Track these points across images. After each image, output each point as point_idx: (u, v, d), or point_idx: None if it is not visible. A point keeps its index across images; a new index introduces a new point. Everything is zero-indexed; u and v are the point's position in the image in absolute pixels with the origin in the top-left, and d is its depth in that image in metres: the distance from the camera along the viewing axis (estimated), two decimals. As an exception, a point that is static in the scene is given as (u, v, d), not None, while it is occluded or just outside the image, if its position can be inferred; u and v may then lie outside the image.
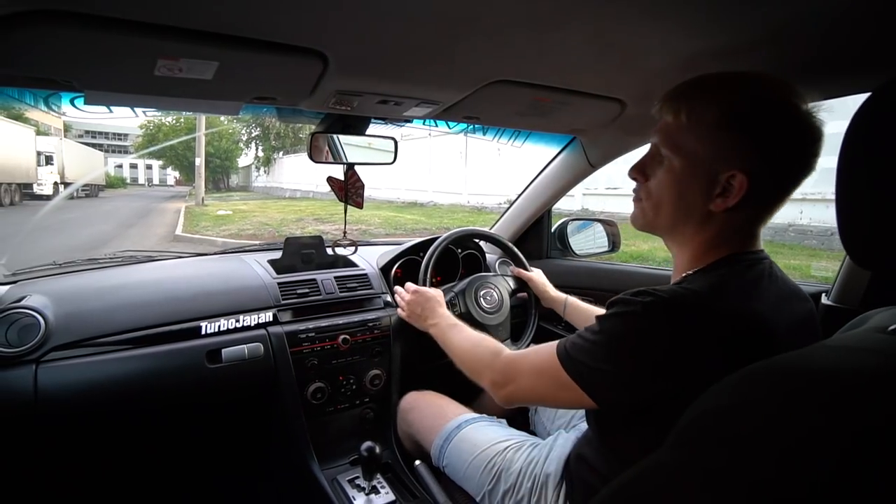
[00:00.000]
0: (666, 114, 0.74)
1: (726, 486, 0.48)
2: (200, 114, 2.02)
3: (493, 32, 0.73)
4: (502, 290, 1.45)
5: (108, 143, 43.54)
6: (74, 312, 1.09)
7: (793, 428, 0.46)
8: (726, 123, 0.68)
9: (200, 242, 8.21)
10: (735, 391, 0.53)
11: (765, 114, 0.68)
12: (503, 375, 0.88)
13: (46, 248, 5.38)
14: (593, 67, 0.90)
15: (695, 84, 0.73)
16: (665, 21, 0.70)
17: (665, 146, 0.74)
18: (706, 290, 0.68)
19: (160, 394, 1.12)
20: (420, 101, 0.99)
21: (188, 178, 27.81)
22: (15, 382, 0.98)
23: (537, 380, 0.81)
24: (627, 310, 0.69)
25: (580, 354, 0.73)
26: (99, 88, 0.77)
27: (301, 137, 21.49)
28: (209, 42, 0.67)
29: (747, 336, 0.65)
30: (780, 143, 0.68)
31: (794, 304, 0.74)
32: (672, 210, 0.75)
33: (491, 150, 10.93)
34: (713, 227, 0.73)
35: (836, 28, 0.70)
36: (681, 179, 0.73)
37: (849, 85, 0.87)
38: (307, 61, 0.77)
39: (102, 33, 0.61)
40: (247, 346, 1.19)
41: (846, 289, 1.07)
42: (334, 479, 1.22)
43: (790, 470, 0.44)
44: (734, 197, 0.69)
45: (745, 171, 0.67)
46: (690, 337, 0.65)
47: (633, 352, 0.68)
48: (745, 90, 0.69)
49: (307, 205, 14.47)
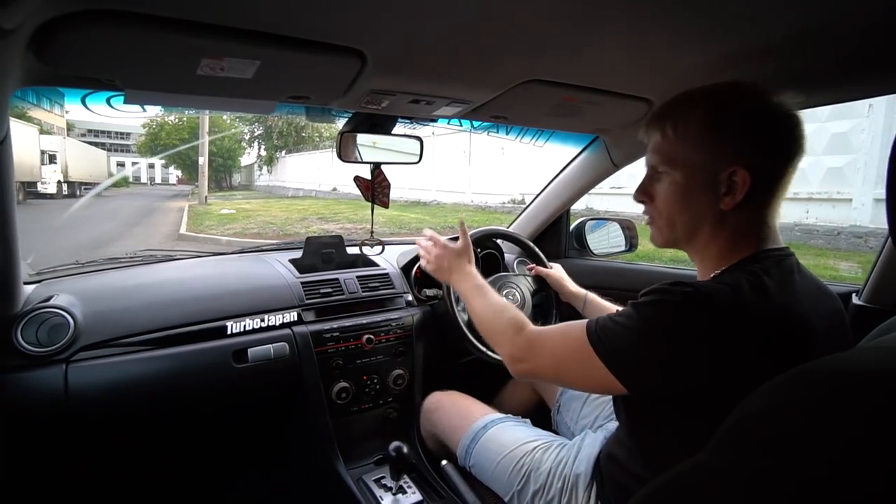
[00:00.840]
0: (653, 134, 0.78)
1: (773, 486, 0.48)
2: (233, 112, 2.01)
3: (531, 33, 0.74)
4: (524, 290, 1.45)
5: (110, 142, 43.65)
6: (102, 312, 1.09)
7: (843, 428, 0.45)
8: (713, 127, 0.72)
9: (205, 241, 8.21)
10: (780, 393, 0.53)
11: (746, 110, 0.72)
12: (524, 350, 0.86)
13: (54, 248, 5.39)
14: (624, 67, 0.91)
15: (674, 101, 0.77)
16: (697, 20, 0.70)
17: (662, 163, 0.77)
18: (742, 286, 0.68)
19: (187, 393, 1.13)
20: (451, 100, 0.99)
21: (191, 176, 27.84)
22: (47, 381, 0.98)
23: (561, 358, 0.80)
24: (665, 298, 0.70)
25: (613, 337, 0.73)
26: (140, 87, 0.77)
27: (304, 136, 21.54)
28: (252, 41, 0.67)
29: (783, 332, 0.66)
30: (766, 132, 0.71)
31: (824, 302, 0.75)
32: (686, 220, 0.77)
33: (494, 149, 10.94)
34: (729, 226, 0.74)
35: (875, 27, 0.70)
36: (685, 190, 0.75)
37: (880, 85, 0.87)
38: (346, 60, 0.77)
39: (151, 32, 0.61)
40: (272, 345, 1.19)
41: (879, 289, 1.06)
42: (360, 479, 1.22)
43: (842, 470, 0.44)
44: (741, 192, 0.71)
45: (744, 164, 0.70)
46: (725, 330, 0.66)
47: (667, 339, 0.68)
48: (721, 95, 0.73)
49: (310, 203, 14.49)
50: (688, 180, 0.74)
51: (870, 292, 1.08)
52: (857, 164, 5.91)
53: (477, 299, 1.05)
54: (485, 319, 1.00)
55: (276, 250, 1.59)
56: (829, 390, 0.49)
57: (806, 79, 0.89)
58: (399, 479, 1.16)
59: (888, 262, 1.04)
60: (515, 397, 1.54)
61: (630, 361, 0.71)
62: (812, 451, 0.46)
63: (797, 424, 0.49)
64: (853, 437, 0.45)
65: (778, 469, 0.49)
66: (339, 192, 16.93)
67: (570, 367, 0.79)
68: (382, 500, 1.15)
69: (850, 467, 0.44)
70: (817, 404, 0.49)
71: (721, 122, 0.71)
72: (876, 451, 0.43)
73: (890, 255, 1.04)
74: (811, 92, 0.95)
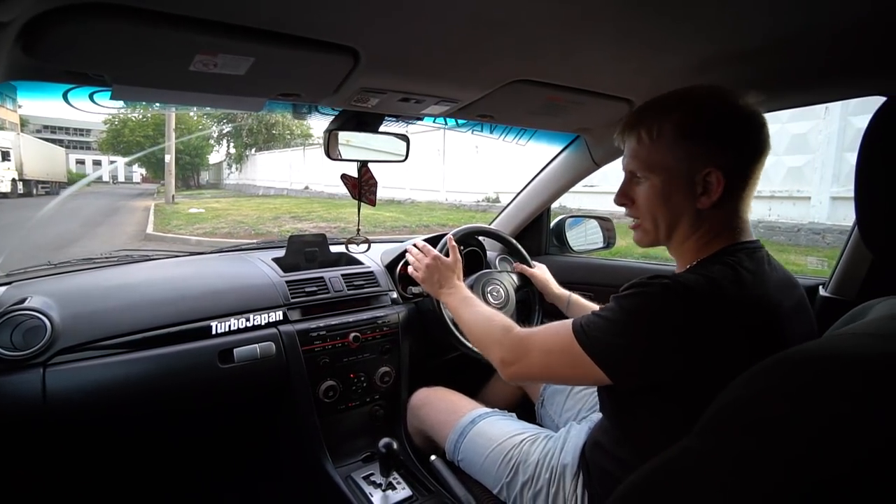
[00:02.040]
0: (629, 140, 0.82)
1: (757, 468, 0.51)
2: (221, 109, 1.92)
3: (522, 33, 0.75)
4: (508, 287, 1.47)
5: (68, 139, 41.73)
6: (80, 313, 1.06)
7: (824, 410, 0.48)
8: (686, 133, 0.76)
9: (174, 241, 7.97)
10: (761, 379, 0.56)
11: (715, 115, 0.76)
12: (513, 352, 0.89)
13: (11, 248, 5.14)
14: (608, 68, 0.93)
15: (646, 108, 0.82)
16: (682, 24, 0.73)
17: (639, 168, 0.81)
18: (718, 276, 0.72)
19: (172, 395, 1.10)
20: (440, 99, 1.00)
21: (156, 174, 26.92)
22: (23, 386, 0.95)
23: (550, 356, 0.83)
24: (645, 290, 0.74)
25: (597, 331, 0.76)
26: (130, 83, 0.75)
27: (274, 134, 21.11)
28: (247, 37, 0.67)
29: (757, 320, 0.70)
30: (735, 134, 0.76)
31: (791, 291, 0.80)
32: (666, 221, 0.81)
33: (469, 148, 10.97)
34: (706, 222, 0.79)
35: (846, 34, 0.74)
36: (663, 192, 0.79)
37: (859, 88, 0.92)
38: (339, 58, 0.77)
39: (146, 27, 0.60)
40: (259, 345, 1.18)
41: (843, 281, 1.12)
42: (348, 477, 1.21)
43: (822, 449, 0.47)
44: (716, 192, 0.75)
45: (717, 166, 0.74)
46: (704, 318, 0.69)
47: (650, 328, 0.72)
48: (691, 101, 0.78)
49: (282, 202, 14.23)
50: (665, 184, 0.78)
51: (835, 284, 1.15)
52: (814, 164, 6.18)
53: (465, 310, 1.09)
54: (474, 328, 1.04)
55: (258, 249, 1.57)
56: (810, 375, 0.52)
57: (781, 82, 0.93)
58: (389, 476, 1.17)
59: (852, 256, 1.11)
60: (500, 392, 1.56)
61: (615, 353, 0.74)
62: (794, 433, 0.49)
63: (779, 409, 0.52)
64: (833, 418, 0.48)
65: (761, 452, 0.52)
66: (312, 191, 16.70)
67: (559, 364, 0.82)
68: (372, 497, 1.15)
69: (830, 447, 0.47)
70: (798, 389, 0.52)
71: (693, 129, 0.76)
72: (854, 431, 0.46)
73: (854, 249, 1.10)
74: (785, 95, 1.00)
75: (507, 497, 1.08)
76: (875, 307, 0.72)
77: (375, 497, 1.15)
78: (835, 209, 6.03)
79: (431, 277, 1.20)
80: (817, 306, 1.15)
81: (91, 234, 8.57)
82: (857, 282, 1.09)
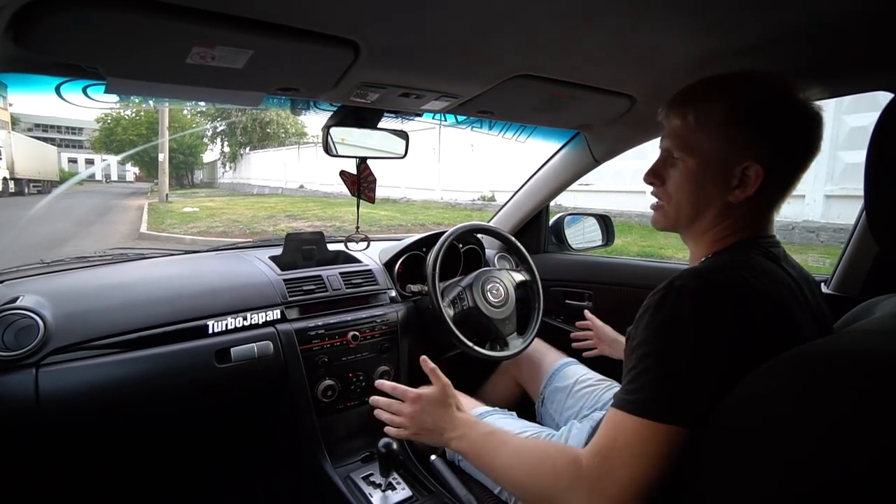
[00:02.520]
0: (673, 118, 0.76)
1: (767, 463, 0.51)
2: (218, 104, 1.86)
3: (524, 27, 0.74)
4: (507, 285, 1.46)
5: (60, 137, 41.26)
6: (73, 313, 1.04)
7: (833, 407, 0.48)
8: (734, 120, 0.70)
9: (168, 241, 7.92)
10: (772, 375, 0.56)
11: (769, 106, 0.70)
12: (603, 484, 0.64)
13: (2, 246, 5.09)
14: (611, 64, 0.92)
15: (698, 87, 0.76)
16: (684, 20, 0.73)
17: (678, 149, 0.75)
18: (718, 269, 0.68)
19: (168, 395, 1.08)
20: (441, 94, 0.99)
21: (149, 173, 26.76)
22: (15, 387, 0.93)
23: (638, 461, 0.62)
24: (661, 314, 0.65)
25: (647, 393, 0.63)
26: (125, 76, 0.73)
27: (269, 132, 21.02)
28: (246, 29, 0.65)
29: (763, 311, 0.64)
30: (787, 130, 0.71)
31: (810, 288, 0.76)
32: (692, 207, 0.76)
33: (464, 146, 10.97)
34: (732, 216, 0.74)
35: (849, 30, 0.74)
36: (698, 178, 0.74)
37: (861, 84, 0.92)
38: (339, 51, 0.76)
39: (142, 17, 0.58)
40: (256, 344, 1.16)
41: (846, 278, 1.12)
42: (347, 477, 1.20)
43: (833, 446, 0.47)
44: (752, 187, 0.70)
45: (759, 161, 0.69)
46: (711, 315, 0.63)
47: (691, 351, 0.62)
48: (746, 87, 0.72)
49: (277, 201, 14.16)
50: (701, 169, 0.74)
51: (838, 281, 1.15)
52: (809, 162, 6.22)
53: (498, 452, 0.79)
54: (520, 471, 0.75)
55: (254, 247, 1.56)
56: (819, 372, 0.52)
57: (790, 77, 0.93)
58: (388, 476, 1.16)
59: (855, 253, 1.10)
60: (500, 390, 1.55)
61: (688, 397, 0.62)
62: (803, 430, 0.49)
63: (788, 406, 0.52)
64: (841, 415, 0.47)
65: (771, 448, 0.51)
66: (307, 190, 16.64)
67: (648, 462, 0.62)
68: (372, 497, 1.14)
69: (838, 444, 0.46)
70: (806, 386, 0.52)
71: (742, 118, 0.70)
72: (862, 428, 0.46)
73: (857, 246, 1.10)
74: None
75: (508, 497, 1.07)
76: (881, 304, 0.72)
77: (375, 497, 1.14)
78: (829, 207, 6.06)
79: (424, 425, 0.90)
80: None
81: (84, 234, 8.49)
82: (860, 279, 1.09)
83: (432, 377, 0.94)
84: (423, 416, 0.90)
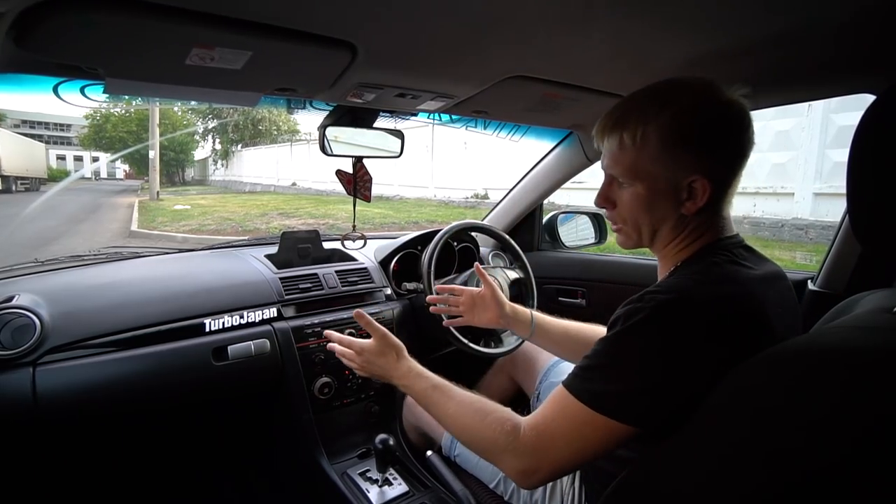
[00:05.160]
0: (609, 141, 0.76)
1: (752, 457, 0.52)
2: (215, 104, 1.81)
3: (519, 29, 0.75)
4: (501, 282, 1.47)
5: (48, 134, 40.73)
6: (70, 312, 1.04)
7: (815, 402, 0.50)
8: (671, 140, 0.71)
9: (159, 238, 7.87)
10: (757, 371, 0.58)
11: (702, 119, 0.71)
12: (534, 457, 0.70)
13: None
14: (605, 65, 0.94)
15: (628, 108, 0.75)
16: (676, 21, 0.74)
17: (622, 175, 0.76)
18: (700, 277, 0.70)
19: (165, 393, 1.09)
20: (436, 94, 1.00)
21: (139, 171, 26.48)
22: (12, 386, 0.93)
23: (580, 443, 0.67)
24: (629, 322, 0.67)
25: (605, 384, 0.67)
26: (125, 77, 0.73)
27: (261, 130, 20.87)
28: (245, 31, 0.66)
29: (737, 317, 0.66)
30: (724, 139, 0.72)
31: (776, 284, 0.77)
32: (649, 227, 0.77)
33: (457, 144, 10.96)
34: (689, 225, 0.76)
35: (837, 33, 0.76)
36: (648, 200, 0.75)
37: (849, 86, 0.94)
38: (336, 52, 0.77)
39: (142, 19, 0.59)
40: (253, 342, 1.17)
41: (832, 275, 1.15)
42: (345, 473, 1.21)
43: (815, 439, 0.49)
44: (702, 198, 0.72)
45: (703, 174, 0.71)
46: (692, 323, 0.65)
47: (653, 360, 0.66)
48: (677, 104, 0.71)
49: (269, 199, 14.10)
50: (649, 191, 0.74)
51: (824, 278, 1.17)
52: (798, 161, 6.29)
53: (441, 403, 0.85)
54: (463, 428, 0.80)
55: (250, 246, 1.56)
56: (802, 368, 0.54)
57: (772, 79, 0.95)
58: (385, 472, 1.17)
59: (840, 251, 1.13)
60: (495, 387, 1.57)
61: (632, 400, 0.65)
62: (787, 424, 0.51)
63: (773, 400, 0.54)
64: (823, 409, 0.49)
65: (756, 442, 0.53)
66: (300, 188, 16.56)
67: (583, 448, 0.68)
68: (369, 493, 1.15)
69: (820, 437, 0.48)
70: (790, 382, 0.54)
71: (679, 137, 0.71)
72: (842, 422, 0.48)
73: (842, 244, 1.13)
74: (776, 92, 1.02)
75: (504, 491, 1.08)
76: (862, 301, 0.74)
77: (372, 493, 1.15)
78: (817, 205, 6.13)
79: (374, 373, 0.98)
80: (806, 300, 1.18)
81: (73, 231, 8.41)
82: (846, 276, 1.12)
83: (370, 329, 1.00)
84: (369, 366, 0.98)
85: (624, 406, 0.65)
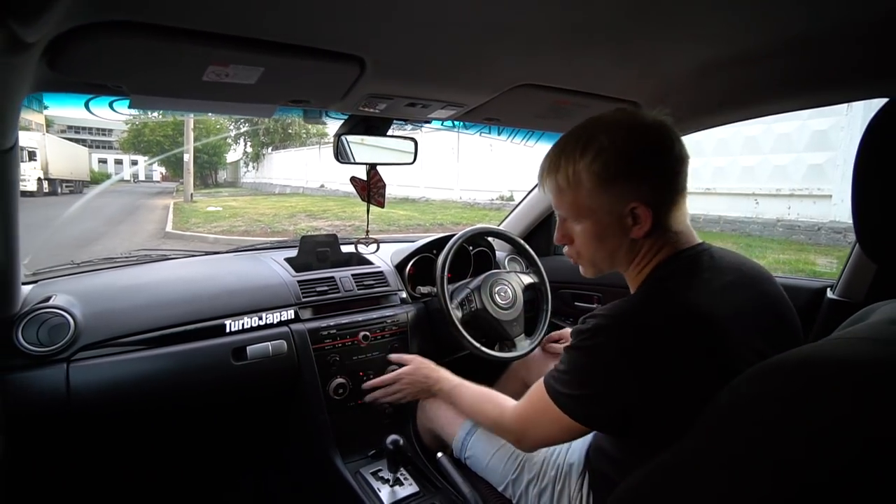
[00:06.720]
0: (549, 186, 0.84)
1: (752, 469, 0.52)
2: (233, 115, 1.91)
3: (527, 40, 0.77)
4: (515, 287, 1.48)
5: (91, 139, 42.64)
6: (101, 311, 1.10)
7: (817, 414, 0.49)
8: (604, 176, 0.76)
9: (192, 239, 8.14)
10: (758, 382, 0.57)
11: (629, 149, 0.76)
12: (520, 431, 0.92)
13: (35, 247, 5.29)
14: (613, 73, 0.94)
15: (557, 153, 0.81)
16: (685, 28, 0.74)
17: (569, 217, 0.83)
18: (627, 306, 0.76)
19: (187, 391, 1.14)
20: (446, 103, 1.02)
21: (175, 173, 27.46)
22: (49, 381, 0.99)
23: (550, 427, 0.84)
24: (582, 339, 0.77)
25: (562, 387, 0.79)
26: (147, 93, 0.79)
27: (290, 133, 21.31)
28: (257, 49, 0.70)
29: (685, 328, 0.71)
30: (654, 162, 0.76)
31: (743, 289, 0.79)
32: (604, 255, 0.83)
33: (483, 146, 10.94)
34: (643, 246, 0.81)
35: (851, 37, 0.74)
36: (596, 232, 0.81)
37: (863, 91, 0.92)
38: (346, 66, 0.80)
39: (161, 42, 0.63)
40: (271, 343, 1.21)
41: (851, 283, 1.11)
42: (357, 472, 1.24)
43: (815, 452, 0.48)
44: (647, 222, 0.76)
45: (642, 200, 0.76)
46: (633, 346, 0.72)
47: (593, 373, 0.76)
48: (598, 143, 0.76)
49: (298, 201, 14.38)
50: (596, 225, 0.80)
51: (843, 287, 1.13)
52: (836, 161, 6.04)
53: (462, 397, 1.13)
54: (477, 413, 1.08)
55: (271, 249, 1.61)
56: (804, 380, 0.53)
57: (784, 85, 0.93)
58: (396, 472, 1.19)
59: (860, 258, 1.09)
60: (507, 391, 1.55)
61: (576, 402, 0.77)
62: (787, 436, 0.50)
63: (774, 412, 0.54)
64: (824, 422, 0.49)
65: (755, 453, 0.53)
66: (327, 189, 16.83)
67: (558, 431, 0.83)
68: (380, 492, 1.18)
69: (820, 451, 0.48)
70: (792, 393, 0.53)
71: (608, 173, 0.76)
72: (843, 436, 0.47)
73: (861, 251, 1.09)
74: (788, 97, 1.00)
75: (513, 494, 1.09)
76: (879, 310, 0.71)
77: (383, 492, 1.18)
78: (857, 207, 5.87)
79: (418, 387, 1.25)
80: (824, 309, 1.15)
81: (113, 232, 8.78)
82: (865, 284, 1.08)
83: (403, 361, 1.30)
84: (414, 384, 1.26)
85: (575, 407, 0.77)
